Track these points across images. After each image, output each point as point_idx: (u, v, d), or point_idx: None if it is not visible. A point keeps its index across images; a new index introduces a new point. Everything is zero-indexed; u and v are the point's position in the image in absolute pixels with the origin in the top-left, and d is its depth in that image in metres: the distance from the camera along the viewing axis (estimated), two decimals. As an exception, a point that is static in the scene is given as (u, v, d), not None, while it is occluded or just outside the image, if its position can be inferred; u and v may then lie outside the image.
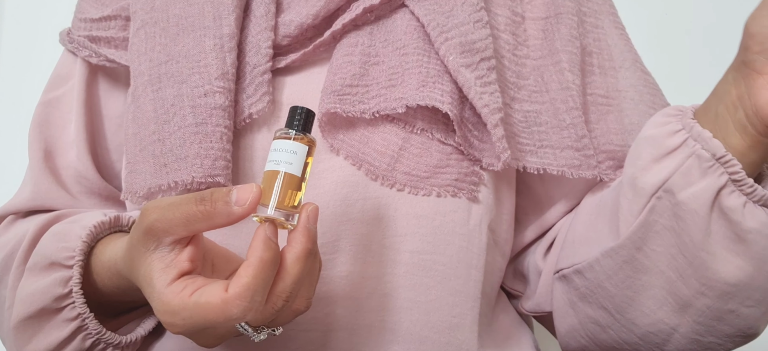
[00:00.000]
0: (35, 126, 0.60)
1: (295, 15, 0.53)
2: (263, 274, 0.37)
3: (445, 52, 0.51)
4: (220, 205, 0.37)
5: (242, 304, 0.36)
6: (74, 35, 0.59)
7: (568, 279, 0.55)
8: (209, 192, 0.37)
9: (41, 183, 0.58)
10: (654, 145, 0.48)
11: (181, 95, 0.50)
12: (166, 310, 0.37)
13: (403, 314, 0.50)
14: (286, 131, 0.41)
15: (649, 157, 0.48)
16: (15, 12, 1.05)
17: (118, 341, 0.49)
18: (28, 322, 0.47)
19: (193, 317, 0.36)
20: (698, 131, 0.46)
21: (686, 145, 0.46)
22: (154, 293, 0.38)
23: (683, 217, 0.46)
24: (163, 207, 0.38)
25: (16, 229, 0.56)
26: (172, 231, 0.38)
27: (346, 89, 0.51)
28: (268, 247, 0.37)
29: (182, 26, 0.53)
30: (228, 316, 0.36)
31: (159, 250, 0.38)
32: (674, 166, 0.46)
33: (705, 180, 0.45)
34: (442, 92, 0.50)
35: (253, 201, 0.37)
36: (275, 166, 0.40)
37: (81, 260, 0.47)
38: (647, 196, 0.47)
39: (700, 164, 0.45)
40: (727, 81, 0.45)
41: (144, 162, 0.50)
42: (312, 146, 0.41)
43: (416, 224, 0.51)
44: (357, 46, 0.52)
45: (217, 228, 0.38)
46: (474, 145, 0.52)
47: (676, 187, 0.46)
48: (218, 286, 0.37)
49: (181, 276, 0.38)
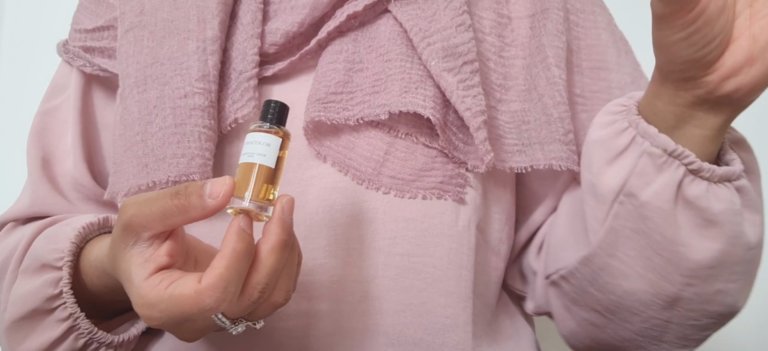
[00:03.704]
0: (34, 135, 0.61)
1: (281, 23, 0.54)
2: (236, 265, 0.37)
3: (427, 57, 0.51)
4: (195, 199, 0.37)
5: (215, 295, 0.36)
6: (70, 46, 0.61)
7: (557, 284, 0.56)
8: (184, 186, 0.38)
9: (39, 190, 0.59)
10: (603, 147, 0.48)
11: (163, 97, 0.51)
12: (144, 304, 0.37)
13: (394, 317, 0.51)
14: (260, 124, 0.41)
15: (601, 160, 0.48)
16: (15, 13, 1.05)
17: (111, 340, 0.49)
18: (21, 323, 0.48)
19: (169, 310, 0.37)
20: (644, 128, 0.46)
21: (635, 143, 0.46)
22: (132, 287, 0.38)
23: (649, 216, 0.46)
24: (140, 202, 0.38)
25: (15, 235, 0.57)
26: (149, 226, 0.38)
27: (331, 97, 0.51)
28: (241, 238, 0.37)
29: (168, 30, 0.53)
30: (201, 307, 0.36)
31: (138, 245, 0.39)
32: (628, 167, 0.46)
33: (662, 176, 0.45)
34: (424, 97, 0.51)
35: (226, 193, 0.37)
36: (249, 158, 0.40)
37: (70, 261, 0.48)
38: (608, 202, 0.48)
39: (654, 161, 0.45)
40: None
41: (128, 162, 0.51)
42: (286, 139, 0.41)
43: (405, 227, 0.51)
44: (341, 53, 0.53)
45: (193, 221, 0.38)
46: (458, 147, 0.53)
47: (635, 188, 0.46)
48: (192, 277, 0.37)
49: (159, 270, 0.38)
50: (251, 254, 0.38)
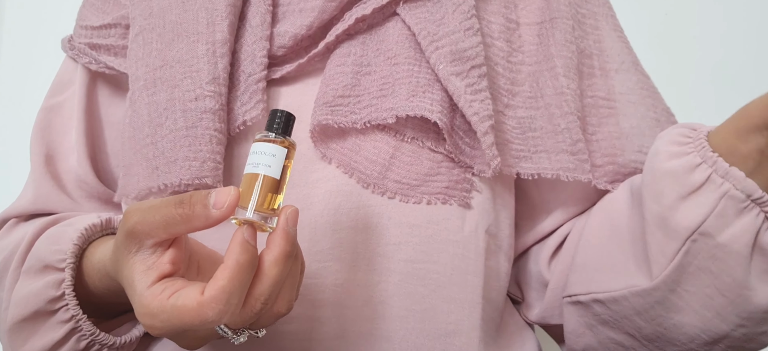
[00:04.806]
0: (37, 131, 0.61)
1: (290, 26, 0.54)
2: (240, 276, 0.36)
3: (435, 61, 0.51)
4: (199, 208, 0.37)
5: (218, 307, 0.36)
6: (75, 42, 0.60)
7: (585, 305, 0.55)
8: (188, 195, 0.37)
9: (42, 187, 0.59)
10: (677, 181, 0.46)
11: (173, 99, 0.51)
12: (146, 313, 0.37)
13: (397, 323, 0.51)
14: (265, 134, 0.41)
15: (674, 195, 0.46)
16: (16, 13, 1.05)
17: (113, 342, 0.49)
18: (23, 324, 0.48)
19: (171, 320, 0.36)
20: (724, 169, 0.45)
21: (712, 182, 0.45)
22: (134, 295, 0.38)
23: (722, 258, 0.45)
24: (143, 209, 0.38)
25: (17, 232, 0.57)
26: (152, 234, 0.38)
27: (338, 100, 0.51)
28: (244, 249, 0.37)
29: (177, 32, 0.53)
30: (203, 319, 0.36)
31: (141, 252, 0.39)
32: (708, 207, 0.45)
33: (741, 220, 0.44)
34: (431, 101, 0.50)
35: (230, 204, 0.37)
36: (254, 169, 0.40)
37: (73, 262, 0.47)
38: (681, 239, 0.46)
39: (736, 205, 0.44)
40: None
41: (138, 165, 0.51)
42: (291, 149, 0.41)
43: (409, 233, 0.51)
44: (349, 56, 0.53)
45: (196, 231, 0.38)
46: (465, 152, 0.53)
47: (713, 229, 0.45)
48: (195, 288, 0.36)
49: (162, 278, 0.38)
50: (254, 266, 0.38)
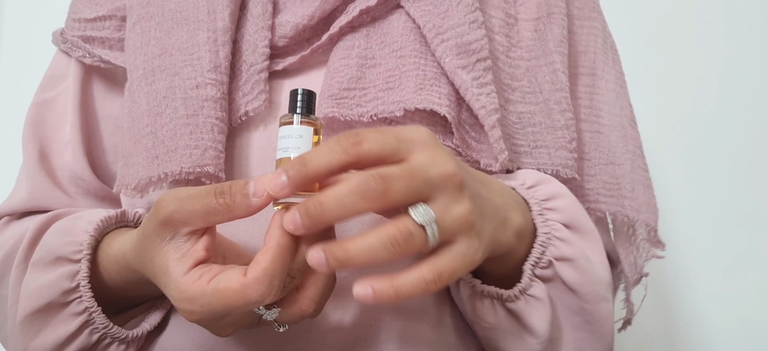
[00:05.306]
0: (29, 127, 0.60)
1: (291, 16, 0.53)
2: (281, 258, 0.37)
3: (441, 54, 0.51)
4: (239, 198, 0.37)
5: (261, 289, 0.36)
6: (68, 35, 0.59)
7: None
8: (228, 185, 0.38)
9: (38, 184, 0.58)
10: None
11: (174, 87, 0.50)
12: (184, 298, 0.38)
13: (394, 316, 0.50)
14: (289, 116, 0.41)
15: None
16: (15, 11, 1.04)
17: (125, 336, 0.49)
18: (35, 316, 0.47)
19: (212, 303, 0.37)
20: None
21: None
22: (170, 282, 0.38)
23: None
24: (181, 198, 0.38)
25: (14, 229, 0.56)
26: (190, 222, 0.38)
27: (344, 93, 0.50)
28: (285, 232, 0.37)
29: (176, 20, 0.53)
30: (247, 300, 0.36)
31: (175, 240, 0.39)
32: None
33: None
34: (439, 95, 0.50)
35: (271, 191, 0.38)
36: (284, 154, 0.40)
37: (88, 254, 0.47)
38: None
39: None
40: None
41: (137, 155, 0.50)
42: (317, 127, 0.41)
43: None
44: (353, 49, 0.52)
45: (235, 219, 0.39)
46: (472, 146, 0.52)
47: None
48: (237, 271, 0.37)
49: (197, 264, 0.39)
50: (295, 248, 0.38)
